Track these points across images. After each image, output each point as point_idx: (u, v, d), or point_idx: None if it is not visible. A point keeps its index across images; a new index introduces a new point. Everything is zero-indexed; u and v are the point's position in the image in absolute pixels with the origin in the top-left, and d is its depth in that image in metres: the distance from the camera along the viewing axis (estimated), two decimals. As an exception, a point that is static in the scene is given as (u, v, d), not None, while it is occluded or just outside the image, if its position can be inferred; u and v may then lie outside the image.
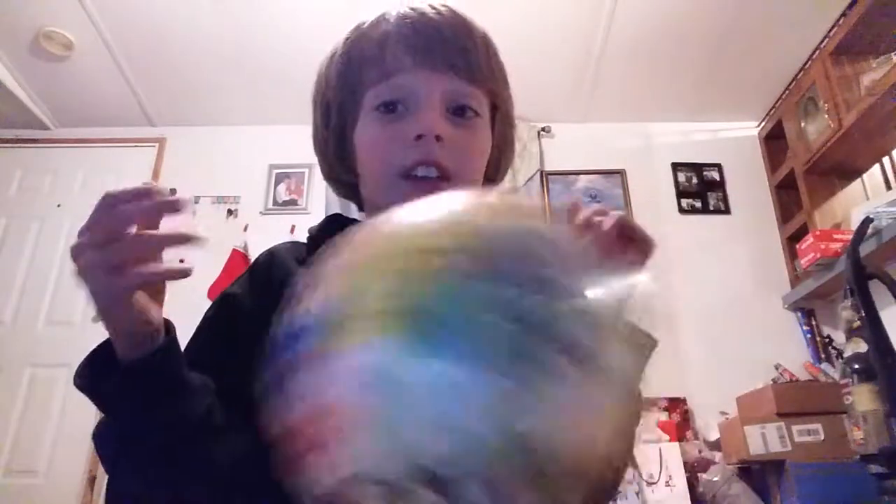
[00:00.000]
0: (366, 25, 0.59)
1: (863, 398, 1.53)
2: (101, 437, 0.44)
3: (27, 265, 2.84)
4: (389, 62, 0.55)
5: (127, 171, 3.05)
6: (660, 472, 2.17)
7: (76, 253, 0.39)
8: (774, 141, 2.95)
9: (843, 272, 1.69)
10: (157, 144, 3.11)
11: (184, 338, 0.49)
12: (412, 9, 0.57)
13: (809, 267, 2.39)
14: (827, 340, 2.60)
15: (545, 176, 2.99)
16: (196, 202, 2.98)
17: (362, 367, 0.27)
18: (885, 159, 2.57)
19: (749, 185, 3.00)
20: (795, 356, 2.57)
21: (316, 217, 1.60)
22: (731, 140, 3.11)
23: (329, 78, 0.61)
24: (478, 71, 0.57)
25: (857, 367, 1.56)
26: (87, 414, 2.82)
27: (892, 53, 2.22)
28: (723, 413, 2.40)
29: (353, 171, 0.61)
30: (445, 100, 0.55)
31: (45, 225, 2.92)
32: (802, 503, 1.85)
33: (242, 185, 3.01)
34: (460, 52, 0.56)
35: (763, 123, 3.07)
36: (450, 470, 0.26)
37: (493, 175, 0.63)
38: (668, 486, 2.14)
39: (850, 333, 1.60)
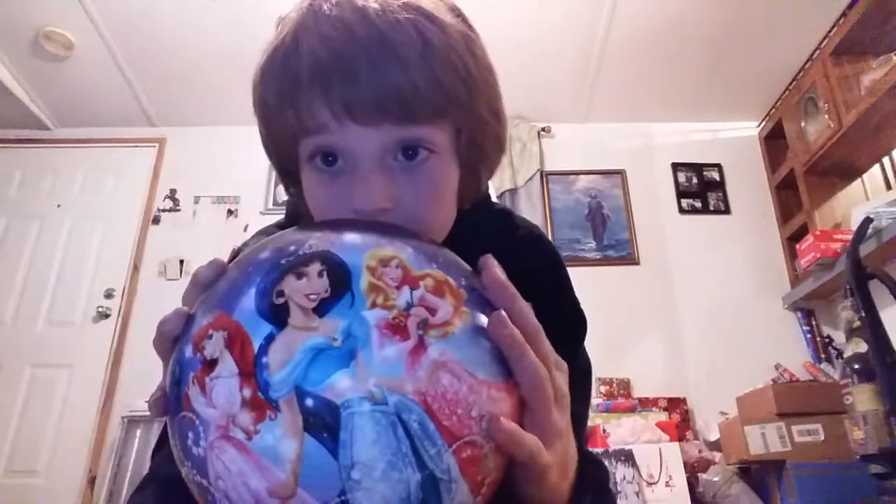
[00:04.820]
0: (279, 39, 0.47)
1: (863, 398, 1.53)
2: None
3: (27, 265, 2.83)
4: (306, 118, 0.44)
5: (127, 171, 3.06)
6: (660, 472, 2.17)
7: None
8: (774, 141, 2.95)
9: (843, 272, 1.69)
10: (157, 144, 3.11)
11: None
12: (337, 21, 0.43)
13: (809, 267, 2.39)
14: (827, 340, 2.60)
15: (545, 176, 2.98)
16: (196, 202, 2.99)
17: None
18: (885, 159, 2.58)
19: (749, 185, 3.00)
20: (795, 356, 2.57)
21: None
22: (731, 140, 3.11)
23: (255, 107, 0.53)
24: (419, 106, 0.43)
25: (857, 367, 1.56)
26: (87, 414, 2.80)
27: (892, 53, 2.22)
28: (723, 413, 2.40)
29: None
30: (388, 149, 0.44)
31: (45, 225, 2.92)
32: (802, 503, 1.85)
33: (242, 185, 3.01)
34: (392, 91, 0.42)
35: (763, 123, 3.07)
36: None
37: (470, 195, 0.53)
38: (668, 486, 2.14)
39: (850, 333, 1.60)
